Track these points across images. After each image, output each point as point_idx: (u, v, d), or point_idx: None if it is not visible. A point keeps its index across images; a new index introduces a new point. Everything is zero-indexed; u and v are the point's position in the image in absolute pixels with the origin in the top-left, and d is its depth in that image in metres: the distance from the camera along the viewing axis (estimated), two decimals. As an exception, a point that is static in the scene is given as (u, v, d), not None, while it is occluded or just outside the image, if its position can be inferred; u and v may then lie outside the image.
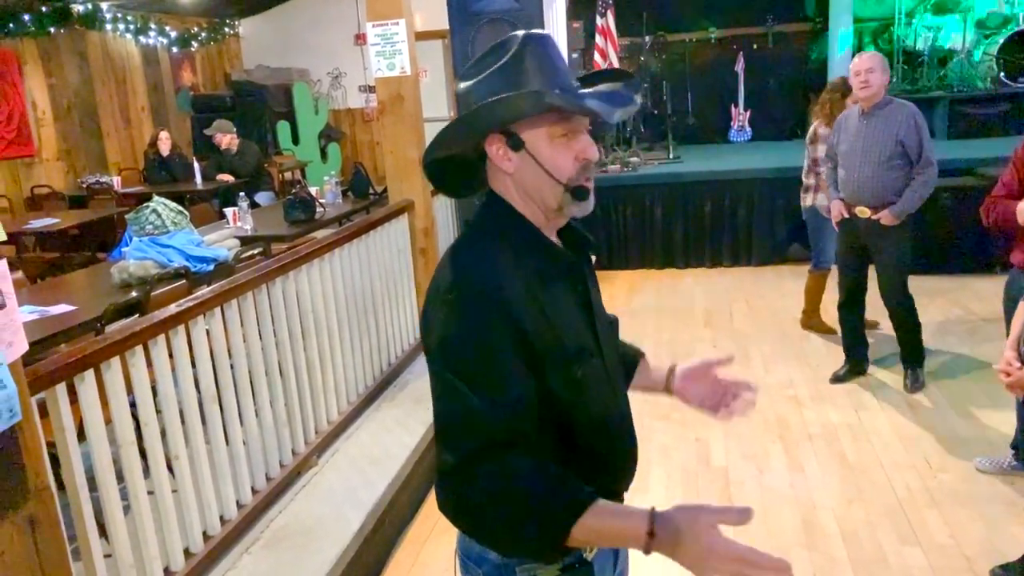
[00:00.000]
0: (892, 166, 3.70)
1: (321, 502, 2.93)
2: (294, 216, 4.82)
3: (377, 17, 4.15)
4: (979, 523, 2.89)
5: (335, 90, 10.59)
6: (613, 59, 7.69)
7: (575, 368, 1.17)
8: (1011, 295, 2.98)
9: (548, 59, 1.17)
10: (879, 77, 3.67)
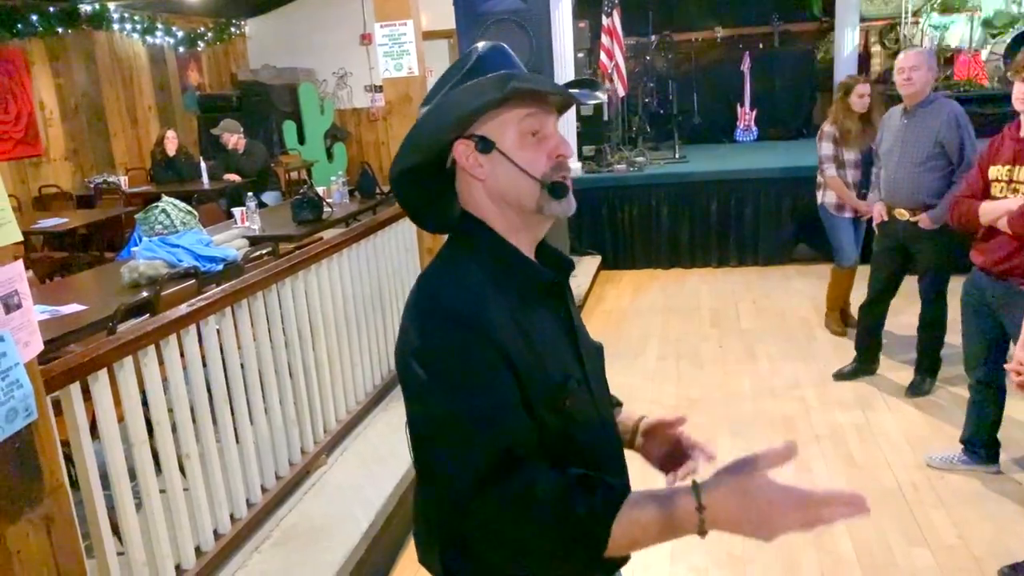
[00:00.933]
0: (930, 167, 3.61)
1: (330, 501, 2.95)
2: (302, 216, 4.83)
3: (385, 18, 4.16)
4: (987, 523, 2.89)
5: (341, 90, 10.61)
6: (619, 59, 7.69)
7: (561, 398, 1.09)
8: (968, 293, 2.99)
9: (509, 61, 1.12)
10: (924, 75, 3.57)
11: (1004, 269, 2.78)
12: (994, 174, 2.81)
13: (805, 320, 5.20)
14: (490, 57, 1.12)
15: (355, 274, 3.58)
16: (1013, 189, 2.74)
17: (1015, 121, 2.76)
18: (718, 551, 2.86)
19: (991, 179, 2.82)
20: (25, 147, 7.34)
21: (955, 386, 4.03)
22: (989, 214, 2.78)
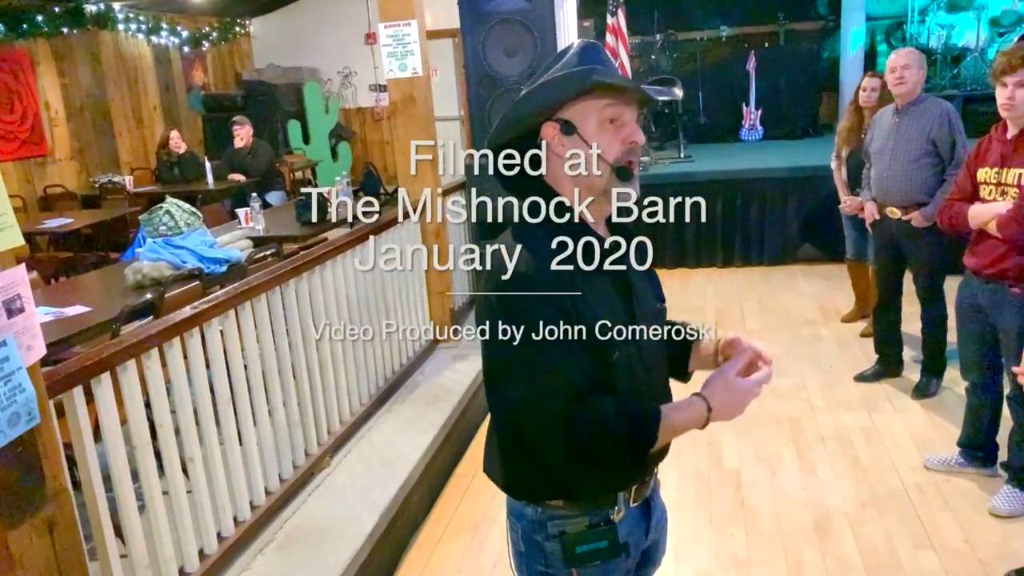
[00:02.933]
0: (921, 165, 3.63)
1: (334, 503, 2.94)
2: (306, 217, 4.83)
3: (389, 18, 4.16)
4: (994, 526, 2.88)
5: (345, 89, 10.61)
6: (624, 58, 7.67)
7: (611, 351, 1.30)
8: (962, 297, 2.98)
9: (599, 59, 1.30)
10: (915, 74, 3.60)
11: (994, 272, 2.77)
12: (982, 176, 2.80)
13: (811, 321, 5.18)
14: (584, 52, 1.30)
15: (358, 275, 3.57)
16: (1002, 191, 2.73)
17: (1002, 123, 2.75)
18: (723, 554, 2.85)
19: (979, 181, 2.81)
20: (31, 147, 7.35)
21: (961, 387, 3.99)
22: (977, 217, 2.77)
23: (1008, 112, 2.66)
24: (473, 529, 3.13)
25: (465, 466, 3.64)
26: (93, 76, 8.19)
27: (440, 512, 3.28)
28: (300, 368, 3.08)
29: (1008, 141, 2.72)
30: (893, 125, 3.72)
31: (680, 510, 3.16)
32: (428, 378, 4.06)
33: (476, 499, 3.35)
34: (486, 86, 5.00)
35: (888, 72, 3.69)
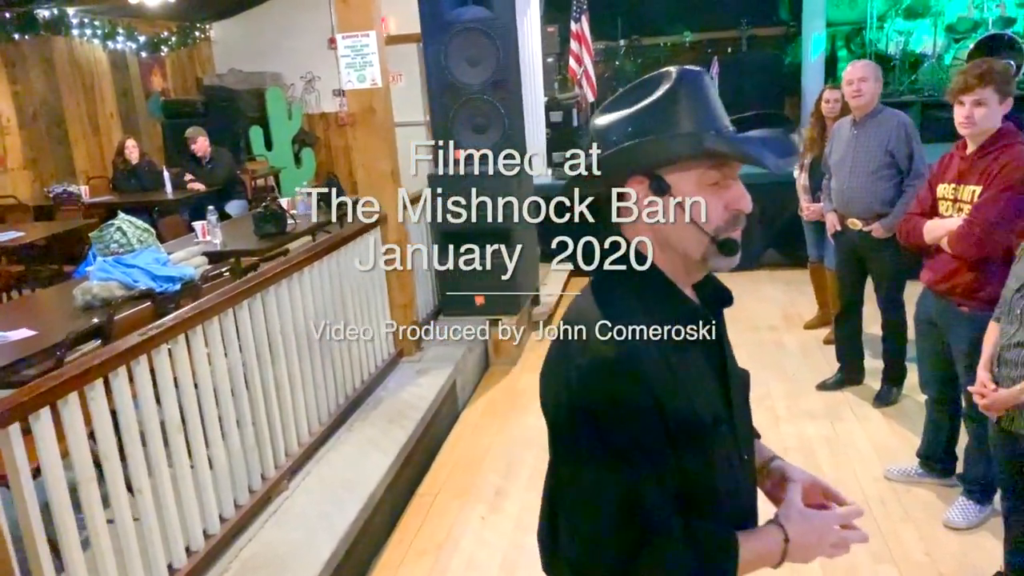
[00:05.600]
0: (880, 176, 3.66)
1: (292, 529, 2.88)
2: (265, 230, 4.75)
3: (347, 29, 4.10)
4: (953, 538, 2.89)
5: (308, 94, 10.47)
6: (588, 64, 7.68)
7: (707, 442, 1.10)
8: (919, 312, 3.01)
9: (703, 100, 1.08)
10: (871, 86, 3.63)
11: (946, 288, 2.80)
12: (941, 192, 2.84)
13: (774, 327, 5.20)
14: (686, 90, 1.08)
15: (316, 291, 3.50)
16: (958, 208, 2.75)
17: (962, 139, 2.77)
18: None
19: (939, 197, 2.84)
20: (-19, 157, 7.15)
21: (921, 395, 4.04)
22: (932, 232, 2.80)
23: (966, 130, 2.68)
24: (436, 551, 3.09)
25: (428, 485, 3.58)
26: (47, 83, 7.99)
27: (402, 534, 3.23)
28: (255, 389, 3.01)
29: (967, 158, 2.74)
30: (851, 137, 3.75)
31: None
32: (391, 394, 4.00)
33: (439, 519, 3.30)
34: (449, 95, 4.96)
35: (845, 84, 3.72)
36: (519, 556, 3.03)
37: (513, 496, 3.44)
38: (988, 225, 2.64)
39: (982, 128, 2.63)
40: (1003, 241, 2.62)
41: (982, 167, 2.66)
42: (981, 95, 2.58)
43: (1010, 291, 2.33)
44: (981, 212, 2.67)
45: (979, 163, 2.68)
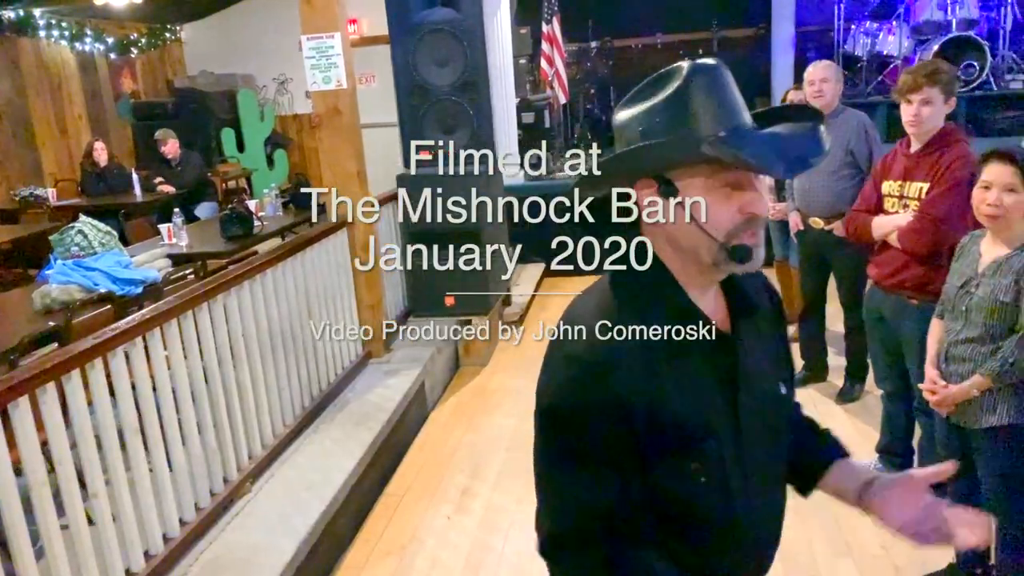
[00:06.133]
0: (841, 176, 3.70)
1: (254, 531, 2.87)
2: (231, 232, 4.72)
3: (312, 30, 4.09)
4: (909, 532, 2.94)
5: (281, 95, 10.42)
6: (559, 66, 7.71)
7: (690, 461, 1.04)
8: (868, 308, 3.06)
9: (717, 95, 1.03)
10: (832, 86, 3.68)
11: (895, 283, 2.86)
12: (887, 189, 2.89)
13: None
14: (697, 85, 1.03)
15: (281, 293, 3.49)
16: (904, 204, 2.81)
17: (906, 138, 2.83)
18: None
19: (884, 194, 2.90)
20: (-55, 159, 7.04)
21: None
22: (880, 228, 2.86)
23: (913, 129, 2.73)
24: (401, 551, 3.09)
25: (394, 486, 3.58)
26: (12, 84, 7.88)
27: (367, 534, 3.23)
28: (217, 391, 2.99)
29: (912, 155, 2.80)
30: None
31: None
32: (358, 395, 3.99)
33: (405, 519, 3.30)
34: (418, 96, 4.97)
35: (807, 85, 3.76)
36: (484, 555, 3.04)
37: (480, 496, 3.45)
38: (938, 220, 2.70)
39: (928, 127, 2.69)
40: (952, 236, 2.67)
41: (928, 164, 2.72)
42: (928, 94, 2.64)
43: (953, 288, 2.38)
44: (931, 207, 2.72)
45: (925, 160, 2.74)
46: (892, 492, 1.15)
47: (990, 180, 2.22)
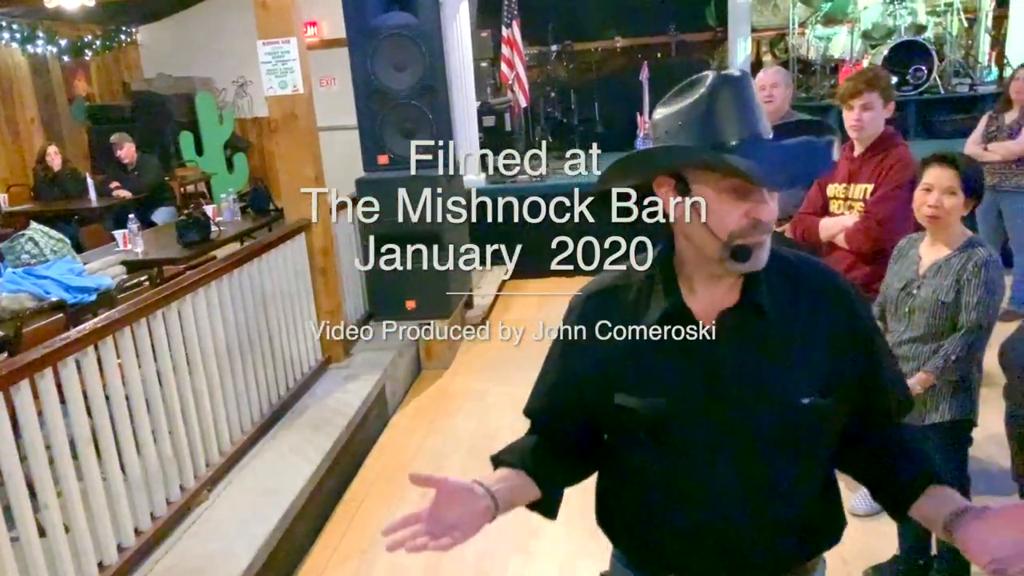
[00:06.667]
0: None
1: (211, 538, 2.86)
2: (188, 238, 4.68)
3: (268, 35, 4.08)
4: (856, 525, 3.01)
5: (240, 98, 10.32)
6: (520, 69, 7.75)
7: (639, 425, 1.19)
8: None
9: (736, 105, 1.12)
10: (782, 91, 3.75)
11: None
12: (832, 191, 2.98)
13: (700, 326, 5.33)
14: (720, 95, 1.12)
15: (237, 299, 3.48)
16: (849, 206, 2.90)
17: (849, 141, 2.92)
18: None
19: (830, 196, 2.99)
20: None
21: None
22: (827, 230, 2.95)
23: (855, 133, 2.83)
24: (360, 555, 3.10)
25: (354, 491, 3.59)
26: (-38, 88, 7.72)
27: (327, 540, 3.23)
28: (172, 399, 2.97)
29: (855, 159, 2.89)
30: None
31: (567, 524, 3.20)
32: (318, 401, 3.98)
33: (364, 524, 3.31)
34: (377, 100, 4.97)
35: (758, 90, 3.82)
36: (443, 559, 3.05)
37: (440, 499, 3.46)
38: (882, 220, 2.79)
39: (870, 131, 2.79)
40: (895, 235, 2.76)
41: (871, 167, 2.81)
42: (868, 99, 2.74)
43: (894, 290, 2.45)
44: (876, 209, 2.81)
45: (868, 163, 2.83)
46: (982, 525, 1.09)
47: (931, 183, 2.30)
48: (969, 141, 4.86)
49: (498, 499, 1.21)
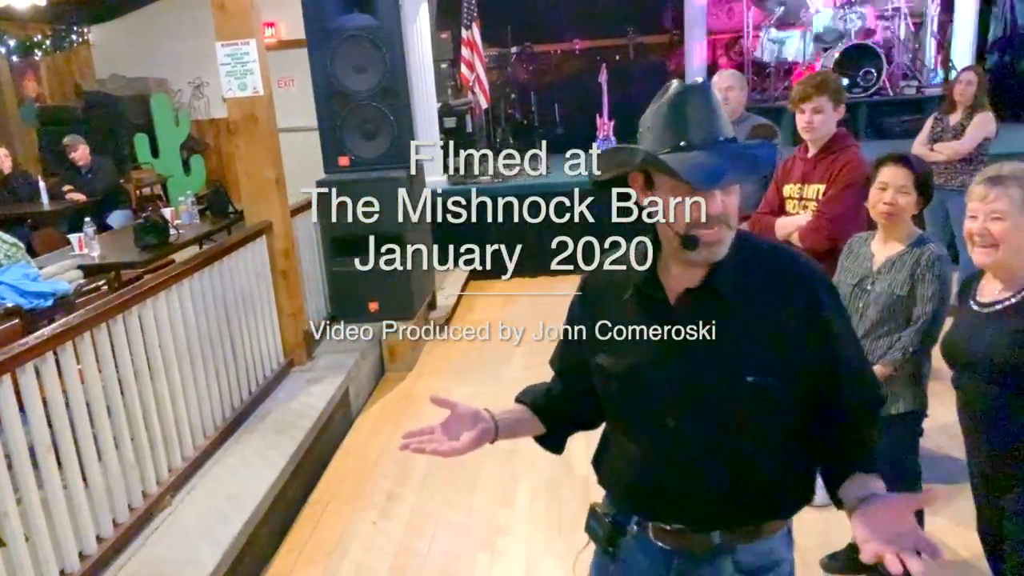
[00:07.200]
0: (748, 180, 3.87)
1: (174, 544, 2.83)
2: (146, 241, 4.62)
3: (226, 37, 4.05)
4: (814, 515, 3.08)
5: (197, 100, 10.18)
6: (480, 71, 7.78)
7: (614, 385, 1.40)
8: None
9: (693, 111, 1.26)
10: (737, 94, 3.83)
11: None
12: (787, 192, 3.07)
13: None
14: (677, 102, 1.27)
15: (198, 303, 3.45)
16: (803, 205, 2.99)
17: (803, 143, 3.02)
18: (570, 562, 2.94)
19: (785, 196, 3.08)
20: None
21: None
22: (783, 229, 3.03)
23: (808, 135, 2.92)
24: (325, 558, 3.10)
25: (319, 494, 3.58)
26: (-95, 89, 7.49)
27: (292, 543, 3.22)
28: (134, 404, 2.94)
29: (809, 160, 2.98)
30: None
31: (533, 522, 3.25)
32: (280, 404, 3.96)
33: (330, 527, 3.30)
34: (337, 102, 4.96)
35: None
36: (410, 559, 3.08)
37: (406, 501, 3.47)
38: (834, 219, 2.88)
39: (821, 132, 2.89)
40: (848, 233, 2.85)
41: (824, 167, 2.91)
42: (818, 103, 2.83)
43: (847, 286, 2.54)
44: (828, 207, 2.90)
45: (821, 164, 2.92)
46: (873, 511, 1.20)
47: (886, 181, 2.40)
48: (916, 142, 5.02)
49: (499, 425, 1.44)
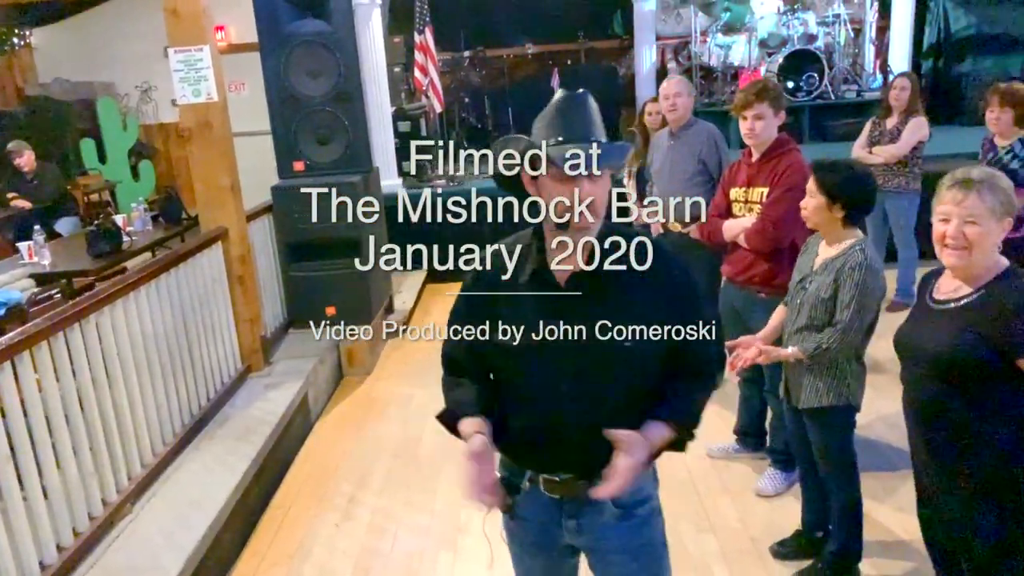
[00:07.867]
0: (695, 183, 3.95)
1: (136, 551, 2.83)
2: (98, 249, 4.56)
3: (180, 43, 4.04)
4: (763, 505, 3.24)
5: (145, 104, 10.02)
6: (433, 75, 7.84)
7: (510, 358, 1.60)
8: (722, 303, 3.39)
9: (567, 114, 1.55)
10: (685, 100, 3.96)
11: (745, 279, 3.17)
12: (734, 195, 3.20)
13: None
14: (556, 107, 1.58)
15: (155, 310, 3.44)
16: (749, 208, 3.13)
17: (747, 148, 3.15)
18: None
19: (732, 199, 3.21)
20: None
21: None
22: (730, 231, 3.17)
23: (750, 140, 3.05)
24: (288, 562, 3.12)
25: (280, 498, 3.60)
26: None
27: (254, 547, 3.24)
28: (92, 413, 2.93)
29: (753, 164, 3.11)
30: (668, 147, 4.09)
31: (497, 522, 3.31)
32: (239, 410, 3.96)
33: (292, 531, 3.33)
34: (290, 107, 4.97)
35: (662, 99, 4.04)
36: (373, 560, 3.12)
37: (366, 503, 3.51)
38: (776, 221, 3.01)
39: (763, 138, 3.02)
40: (790, 234, 2.99)
41: (767, 171, 3.04)
42: (759, 109, 2.96)
43: (793, 283, 2.67)
44: (770, 210, 3.03)
45: (764, 168, 3.05)
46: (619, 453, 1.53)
47: (809, 188, 2.52)
48: (855, 145, 5.23)
49: None
